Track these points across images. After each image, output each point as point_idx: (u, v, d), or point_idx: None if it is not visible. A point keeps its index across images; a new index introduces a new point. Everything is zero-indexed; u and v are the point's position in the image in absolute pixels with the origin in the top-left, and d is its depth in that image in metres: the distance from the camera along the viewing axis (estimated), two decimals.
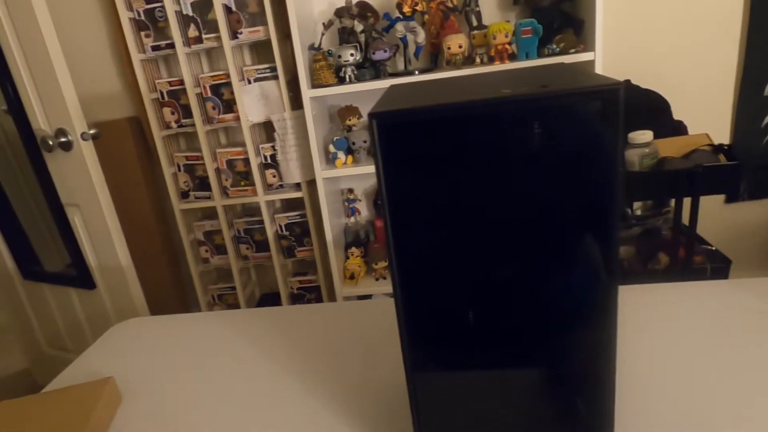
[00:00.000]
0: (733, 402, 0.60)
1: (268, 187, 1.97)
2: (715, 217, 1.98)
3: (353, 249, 1.96)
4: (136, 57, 1.83)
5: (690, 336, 0.73)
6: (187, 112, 1.89)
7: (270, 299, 2.25)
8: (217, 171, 1.94)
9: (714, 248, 1.70)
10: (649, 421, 0.59)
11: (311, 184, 1.92)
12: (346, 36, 1.73)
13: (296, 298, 2.11)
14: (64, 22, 1.98)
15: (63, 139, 1.51)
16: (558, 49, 1.60)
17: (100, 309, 1.79)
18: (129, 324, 1.03)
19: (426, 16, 1.73)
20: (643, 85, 1.75)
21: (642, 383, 0.65)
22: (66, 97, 1.46)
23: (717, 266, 1.61)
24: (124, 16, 1.78)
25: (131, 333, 0.99)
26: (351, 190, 2.07)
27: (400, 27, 1.70)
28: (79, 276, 1.74)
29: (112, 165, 1.96)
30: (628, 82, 1.77)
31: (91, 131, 1.52)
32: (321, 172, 1.76)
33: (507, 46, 1.60)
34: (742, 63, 1.81)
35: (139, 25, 1.82)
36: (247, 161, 1.90)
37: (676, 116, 1.74)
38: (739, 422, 0.57)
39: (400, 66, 1.81)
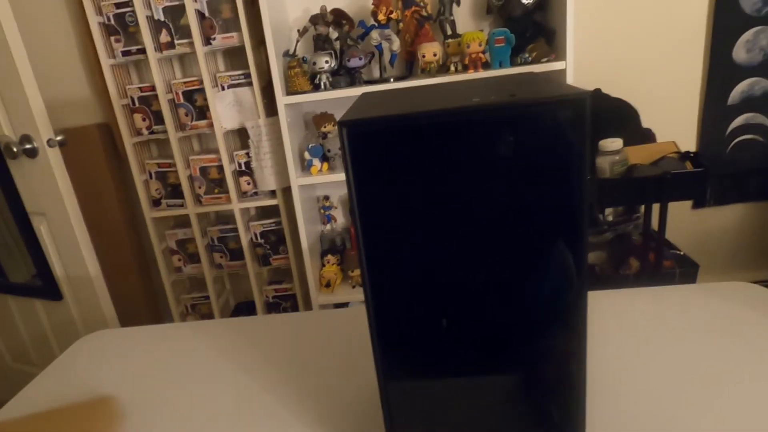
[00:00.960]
0: (701, 404, 0.61)
1: (243, 195, 1.94)
2: (683, 222, 2.04)
3: (329, 256, 1.95)
4: (105, 62, 1.79)
5: (660, 340, 0.75)
6: (159, 118, 1.85)
7: (245, 308, 2.21)
8: (190, 178, 1.91)
9: (682, 253, 1.74)
10: (620, 423, 0.59)
11: (286, 191, 1.90)
12: (321, 43, 1.73)
13: (272, 307, 2.08)
14: (30, 26, 1.92)
15: (28, 146, 1.46)
16: (530, 59, 1.63)
17: (67, 321, 1.74)
18: (98, 336, 1.00)
19: (401, 25, 1.74)
20: (613, 94, 1.79)
21: (613, 386, 0.66)
22: (31, 102, 1.42)
23: (685, 270, 1.65)
24: (94, 20, 1.74)
25: (100, 345, 0.96)
26: (327, 198, 2.06)
27: (375, 35, 1.70)
28: (45, 287, 1.68)
29: (80, 172, 1.91)
30: (598, 90, 1.81)
31: (58, 138, 1.48)
32: (296, 180, 1.74)
33: (481, 55, 1.62)
34: (706, 73, 1.87)
35: (108, 30, 1.79)
36: (220, 168, 1.88)
37: (644, 124, 1.79)
38: (708, 423, 0.58)
39: (376, 73, 1.81)
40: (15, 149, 1.47)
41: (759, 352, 0.69)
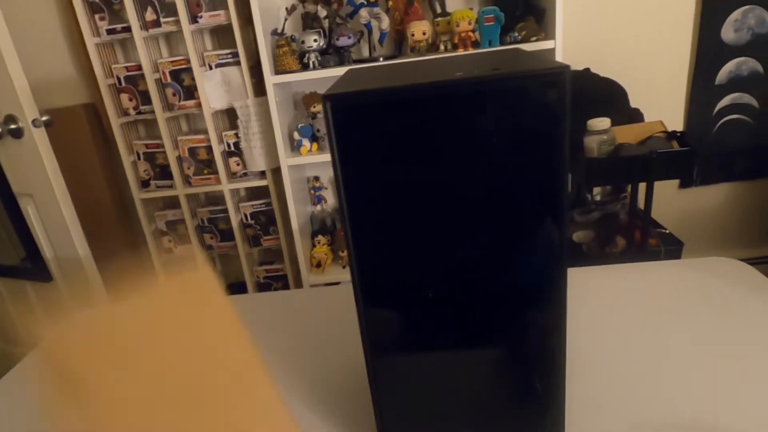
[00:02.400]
0: (683, 376, 0.63)
1: (232, 176, 1.93)
2: (670, 201, 2.06)
3: (320, 237, 1.95)
4: (90, 41, 1.76)
5: (643, 313, 0.77)
6: (146, 98, 1.83)
7: (236, 289, 2.22)
8: (179, 159, 1.90)
9: (668, 231, 1.77)
10: (602, 396, 0.61)
11: (276, 172, 1.89)
12: (309, 21, 1.71)
13: (263, 287, 2.10)
14: (12, 4, 1.88)
15: (13, 126, 1.44)
16: (520, 37, 1.62)
17: (57, 302, 1.74)
18: None
19: (390, 3, 1.73)
20: (602, 74, 1.79)
21: (596, 359, 0.68)
22: (15, 81, 1.40)
23: (670, 248, 1.67)
24: None
25: None
26: (317, 178, 2.06)
27: (364, 13, 1.68)
28: (35, 268, 1.68)
29: (67, 153, 1.88)
30: (587, 70, 1.81)
31: (43, 118, 1.46)
32: (286, 160, 1.74)
33: (470, 34, 1.61)
34: (694, 54, 1.87)
35: (92, 7, 1.75)
36: (209, 149, 1.86)
37: (633, 104, 1.79)
38: (689, 396, 0.60)
39: (365, 52, 1.80)
40: (0, 130, 1.45)
41: (740, 325, 0.71)
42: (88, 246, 1.65)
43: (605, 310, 0.79)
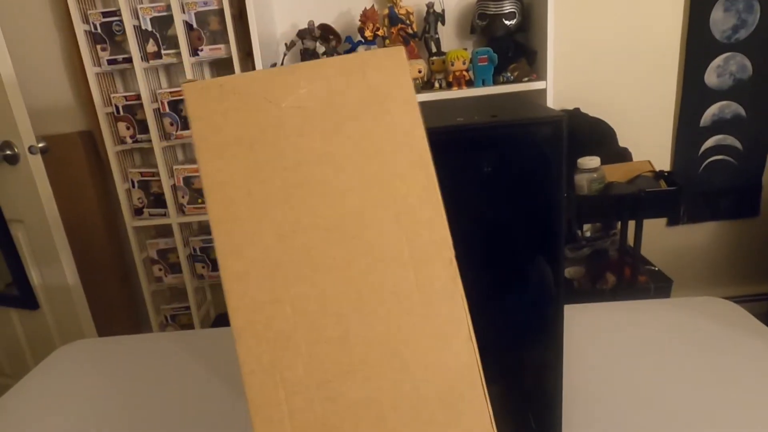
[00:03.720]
0: (674, 415, 0.63)
1: None
2: (658, 239, 2.10)
3: None
4: (90, 70, 1.78)
5: (634, 351, 0.77)
6: (144, 127, 1.85)
7: (226, 319, 2.19)
8: (174, 188, 1.90)
9: (657, 269, 1.79)
10: None
11: None
12: (308, 57, 1.75)
13: None
14: (15, 32, 1.91)
15: (9, 152, 1.45)
16: (512, 77, 1.67)
17: (43, 331, 1.70)
18: (75, 346, 0.99)
19: (387, 41, 1.78)
20: (591, 114, 1.85)
21: (589, 396, 0.68)
22: (14, 108, 1.41)
23: (660, 285, 1.69)
24: (80, 28, 1.74)
25: (77, 355, 0.95)
26: None
27: (361, 50, 1.73)
28: (21, 296, 1.65)
29: (62, 180, 1.89)
30: (577, 110, 1.86)
31: (40, 144, 1.47)
32: None
33: (464, 73, 1.66)
34: (680, 96, 1.94)
35: (95, 38, 1.79)
36: None
37: (621, 143, 1.84)
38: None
39: None
40: None
41: (729, 367, 0.72)
42: (78, 274, 1.63)
43: (598, 348, 0.80)
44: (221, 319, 2.21)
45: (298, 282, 0.28)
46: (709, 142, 1.98)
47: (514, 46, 1.72)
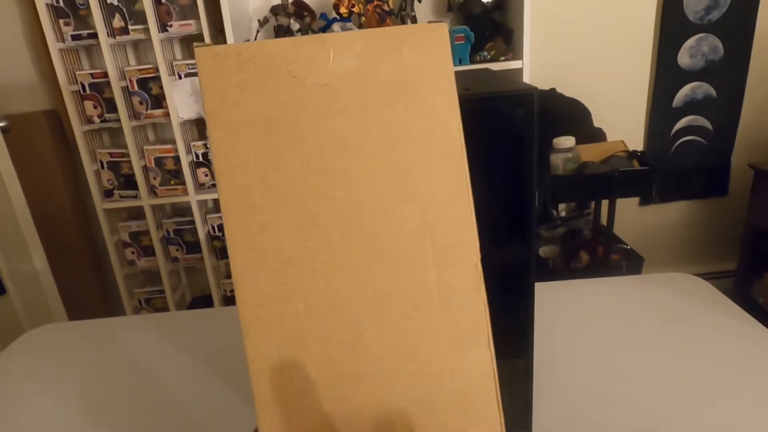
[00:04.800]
0: (644, 391, 0.65)
1: (200, 187, 1.90)
2: (631, 218, 2.14)
3: None
4: (53, 46, 1.71)
5: (606, 327, 0.79)
6: (112, 106, 1.79)
7: (202, 302, 2.17)
8: (145, 169, 1.86)
9: (629, 247, 1.83)
10: (566, 409, 0.63)
11: None
12: (282, 34, 1.71)
13: (230, 301, 2.05)
14: None
15: None
16: (489, 56, 1.66)
17: (10, 316, 1.66)
18: (44, 330, 0.97)
19: (363, 18, 1.74)
20: (567, 94, 1.86)
21: (561, 371, 0.69)
22: None
23: (631, 263, 1.73)
24: (41, 1, 1.66)
25: (46, 340, 0.93)
26: None
27: (336, 28, 1.70)
28: None
29: (26, 160, 1.82)
30: (553, 90, 1.87)
31: (1, 124, 1.41)
32: None
33: None
34: (653, 77, 1.96)
35: (57, 12, 1.71)
36: (177, 159, 1.83)
37: (596, 124, 1.86)
38: (650, 410, 0.62)
39: None
40: None
41: (697, 340, 0.74)
42: (46, 257, 1.59)
43: (569, 324, 0.81)
44: (197, 302, 2.18)
45: (312, 278, 0.27)
46: (681, 123, 2.02)
47: (491, 24, 1.71)
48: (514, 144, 0.43)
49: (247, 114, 0.26)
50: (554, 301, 0.88)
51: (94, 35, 1.70)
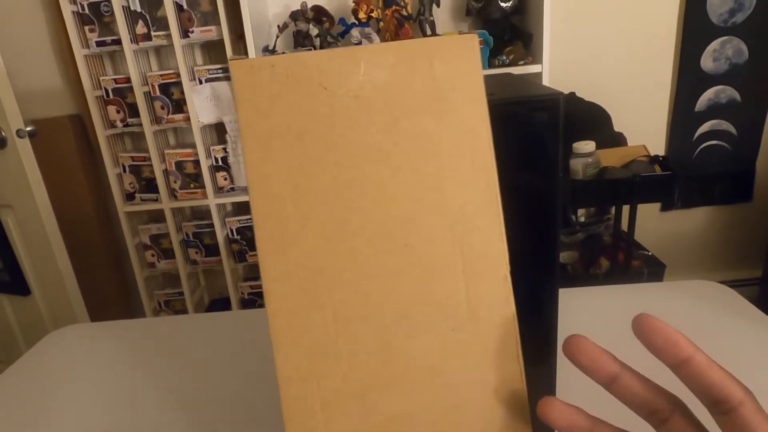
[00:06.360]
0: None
1: (219, 190, 1.92)
2: (652, 224, 2.10)
3: None
4: (79, 52, 1.75)
5: (627, 335, 0.77)
6: (134, 111, 1.82)
7: (220, 305, 2.19)
8: (165, 173, 1.88)
9: (650, 253, 1.80)
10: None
11: None
12: (301, 39, 1.72)
13: (247, 303, 2.07)
14: (0, 14, 1.87)
15: None
16: (508, 61, 1.65)
17: (35, 316, 1.69)
18: (67, 331, 0.98)
19: (381, 24, 1.75)
20: (587, 98, 1.84)
21: (583, 380, 0.68)
22: (0, 91, 1.38)
23: (653, 270, 1.70)
24: (67, 9, 1.70)
25: (70, 341, 0.94)
26: None
27: (355, 33, 1.71)
28: (12, 281, 1.64)
29: (51, 164, 1.86)
30: (573, 94, 1.85)
31: (28, 128, 1.45)
32: None
33: None
34: (675, 81, 1.93)
35: (82, 19, 1.75)
36: (197, 163, 1.85)
37: (616, 128, 1.84)
38: None
39: None
40: None
41: (723, 349, 0.72)
42: (69, 259, 1.62)
43: (591, 332, 0.79)
44: (215, 305, 2.20)
45: (342, 288, 0.27)
46: (704, 127, 1.98)
47: (510, 28, 1.70)
48: (538, 149, 0.43)
49: (279, 125, 0.26)
50: (576, 308, 0.87)
51: (118, 41, 1.73)
